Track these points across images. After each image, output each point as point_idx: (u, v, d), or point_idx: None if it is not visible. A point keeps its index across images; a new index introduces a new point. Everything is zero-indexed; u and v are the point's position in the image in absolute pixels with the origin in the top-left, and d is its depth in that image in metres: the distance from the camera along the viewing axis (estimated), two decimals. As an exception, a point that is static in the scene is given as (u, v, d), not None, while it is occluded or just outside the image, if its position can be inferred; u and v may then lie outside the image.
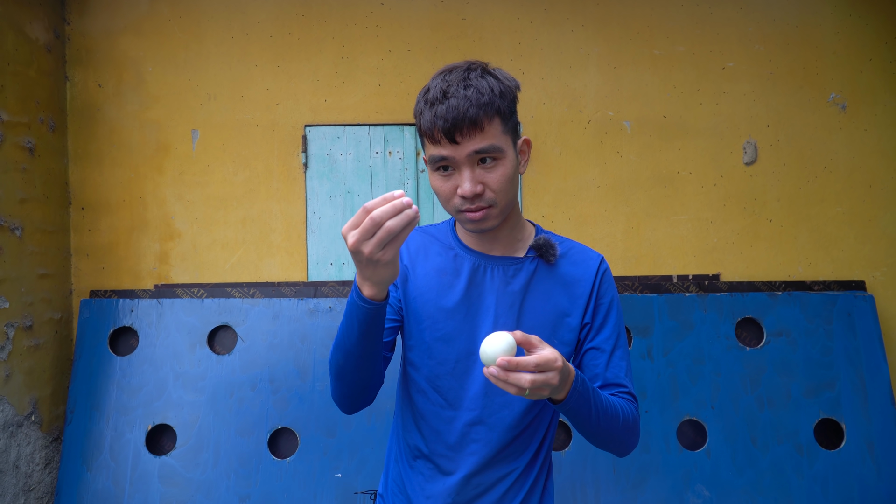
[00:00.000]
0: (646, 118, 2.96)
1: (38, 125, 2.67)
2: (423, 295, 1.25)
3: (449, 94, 1.10)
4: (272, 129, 2.93)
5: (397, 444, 1.36)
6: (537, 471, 1.29)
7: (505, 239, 1.25)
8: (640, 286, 2.83)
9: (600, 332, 1.24)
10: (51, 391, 2.73)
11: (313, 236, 2.94)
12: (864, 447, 2.62)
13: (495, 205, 1.14)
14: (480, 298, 1.23)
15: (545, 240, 1.24)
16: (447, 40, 2.95)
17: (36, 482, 2.63)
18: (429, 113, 1.12)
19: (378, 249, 0.91)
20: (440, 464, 1.26)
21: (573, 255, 1.28)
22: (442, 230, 1.33)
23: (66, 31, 2.88)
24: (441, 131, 1.09)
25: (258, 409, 2.66)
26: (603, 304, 1.25)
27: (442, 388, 1.24)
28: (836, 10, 2.96)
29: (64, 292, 2.83)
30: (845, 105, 2.95)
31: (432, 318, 1.24)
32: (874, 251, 2.93)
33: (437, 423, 1.25)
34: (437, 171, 1.16)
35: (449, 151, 1.10)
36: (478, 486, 1.24)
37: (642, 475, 2.60)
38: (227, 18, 2.92)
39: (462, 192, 1.11)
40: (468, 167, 1.11)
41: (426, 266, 1.27)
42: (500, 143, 1.12)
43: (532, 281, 1.24)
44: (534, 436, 1.27)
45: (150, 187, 2.91)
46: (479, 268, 1.24)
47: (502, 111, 1.12)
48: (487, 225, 1.16)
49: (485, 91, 1.10)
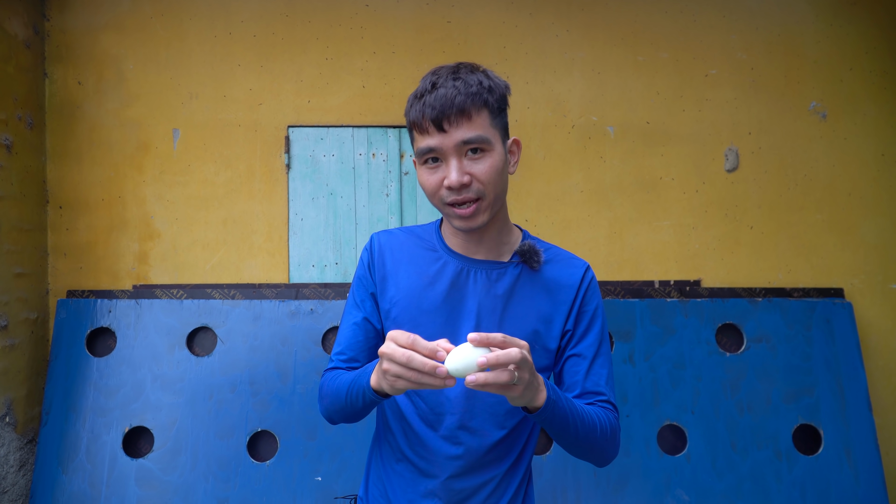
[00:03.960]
0: (629, 124, 2.98)
1: (15, 122, 2.63)
2: (405, 297, 1.24)
3: (438, 85, 1.11)
4: (255, 129, 2.91)
5: (379, 447, 1.35)
6: (520, 477, 1.29)
7: (490, 242, 1.24)
8: (623, 291, 2.83)
9: (583, 340, 1.24)
10: (26, 392, 2.68)
11: (295, 238, 2.92)
12: (841, 453, 2.65)
13: (483, 197, 1.13)
14: (462, 302, 1.22)
15: (530, 245, 1.24)
16: (432, 43, 2.94)
17: (10, 484, 2.59)
18: (418, 104, 1.13)
19: (403, 385, 0.96)
20: (422, 467, 1.25)
21: (558, 261, 1.27)
22: (427, 231, 1.31)
23: (46, 27, 2.84)
24: (429, 119, 1.10)
25: (238, 411, 2.63)
26: (587, 311, 1.25)
27: (423, 392, 1.24)
28: (818, 20, 2.99)
29: (40, 292, 2.79)
30: (826, 113, 2.98)
31: (413, 320, 1.22)
32: (853, 259, 2.97)
33: (419, 428, 1.25)
34: (424, 164, 1.15)
35: (437, 141, 1.10)
36: (460, 490, 1.24)
37: (623, 479, 2.61)
38: (211, 17, 2.90)
39: (448, 183, 1.11)
40: (456, 157, 1.11)
41: (408, 268, 1.26)
42: (489, 136, 1.12)
43: (515, 286, 1.23)
44: (516, 441, 1.27)
45: (129, 186, 2.88)
46: (461, 271, 1.23)
47: (490, 105, 1.12)
48: (476, 222, 1.15)
49: (473, 83, 1.11)
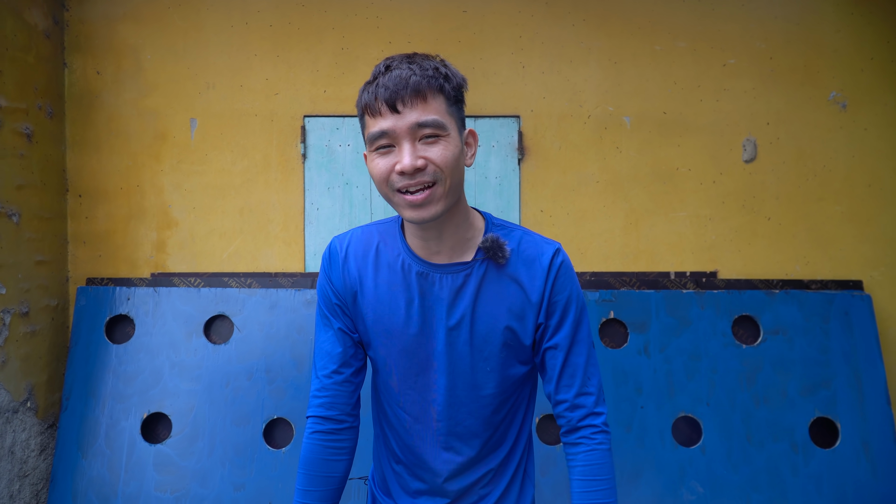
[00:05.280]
0: (646, 114, 2.96)
1: (36, 111, 2.66)
2: (376, 311, 1.20)
3: (392, 67, 1.06)
4: (271, 119, 2.92)
5: (379, 446, 1.36)
6: (517, 461, 1.28)
7: (450, 240, 1.16)
8: (638, 282, 2.82)
9: (558, 332, 1.19)
10: (47, 378, 2.73)
11: (311, 227, 2.94)
12: (859, 446, 2.62)
13: (439, 181, 1.05)
14: (433, 310, 1.18)
15: (493, 240, 1.16)
16: (448, 32, 2.94)
17: (31, 468, 2.63)
18: (370, 87, 1.07)
19: None
20: (419, 473, 1.26)
21: (525, 250, 1.19)
22: (390, 232, 1.23)
23: (65, 17, 2.87)
24: (382, 99, 1.03)
25: (254, 398, 2.66)
26: (558, 301, 1.18)
27: (405, 402, 1.23)
28: (837, 9, 2.95)
29: (61, 279, 2.83)
30: (846, 104, 2.94)
31: (388, 333, 1.20)
32: (872, 251, 2.93)
33: (406, 438, 1.25)
34: (375, 151, 1.07)
35: (390, 123, 1.03)
36: (457, 489, 1.25)
37: (637, 470, 2.60)
38: (227, 7, 2.91)
39: (401, 167, 1.03)
40: (409, 141, 1.03)
41: (376, 278, 1.20)
42: (445, 121, 1.05)
43: (482, 286, 1.17)
44: (506, 435, 1.26)
45: (147, 175, 2.90)
46: (426, 277, 1.17)
47: (447, 92, 1.06)
48: (430, 211, 1.06)
49: (429, 67, 1.06)
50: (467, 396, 1.20)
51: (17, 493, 2.54)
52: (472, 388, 1.20)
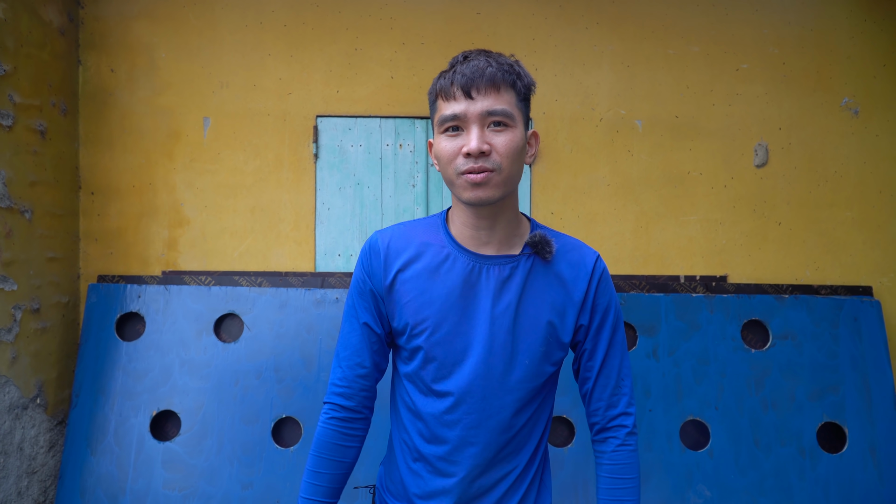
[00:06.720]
0: (658, 117, 2.96)
1: (49, 108, 2.67)
2: (415, 299, 1.21)
3: (470, 58, 1.13)
4: (283, 118, 2.92)
5: (396, 444, 1.35)
6: (535, 468, 1.29)
7: (501, 232, 1.21)
8: (648, 285, 2.83)
9: (598, 334, 1.25)
10: (56, 374, 2.73)
11: (322, 227, 2.94)
12: (866, 452, 2.63)
13: (498, 170, 1.11)
14: (476, 300, 1.20)
15: (541, 236, 1.21)
16: (461, 34, 2.94)
17: (40, 465, 2.64)
18: (448, 73, 1.14)
19: None
20: (440, 467, 1.25)
21: (568, 251, 1.25)
22: (433, 226, 1.27)
23: (80, 14, 2.88)
24: (458, 85, 1.10)
25: (263, 397, 2.66)
26: (600, 305, 1.24)
27: (439, 392, 1.23)
28: (851, 15, 2.95)
29: (72, 276, 2.84)
30: (858, 110, 2.95)
31: (426, 322, 1.21)
32: (882, 257, 2.93)
33: (435, 428, 1.24)
34: (444, 132, 1.13)
35: (462, 108, 1.10)
36: (479, 487, 1.24)
37: (645, 473, 2.61)
38: (242, 6, 2.92)
39: (468, 149, 1.09)
40: (478, 125, 1.10)
41: (417, 267, 1.22)
42: (514, 112, 1.12)
43: (528, 280, 1.21)
44: (531, 434, 1.27)
45: (160, 174, 2.91)
46: (473, 269, 1.20)
47: (518, 88, 1.13)
48: (487, 193, 1.12)
49: (504, 63, 1.13)
50: (499, 388, 1.21)
51: (25, 490, 2.55)
52: (503, 380, 1.21)
